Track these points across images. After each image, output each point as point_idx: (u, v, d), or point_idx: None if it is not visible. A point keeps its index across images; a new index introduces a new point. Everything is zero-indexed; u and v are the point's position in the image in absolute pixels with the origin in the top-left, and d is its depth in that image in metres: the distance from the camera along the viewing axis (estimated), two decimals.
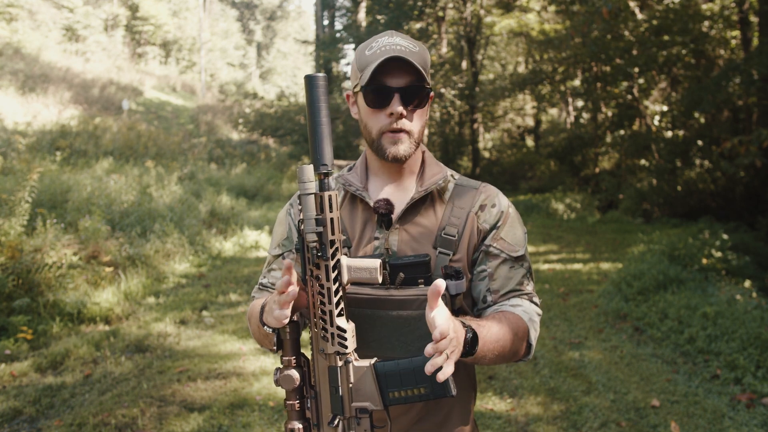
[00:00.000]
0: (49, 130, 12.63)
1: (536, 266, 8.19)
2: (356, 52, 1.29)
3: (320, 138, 1.09)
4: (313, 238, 1.05)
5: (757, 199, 10.17)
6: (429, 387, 1.06)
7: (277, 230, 1.42)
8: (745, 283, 5.90)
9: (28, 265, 5.16)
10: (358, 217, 1.31)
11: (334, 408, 1.09)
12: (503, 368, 4.36)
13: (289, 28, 57.96)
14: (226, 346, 4.73)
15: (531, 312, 1.30)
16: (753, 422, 3.41)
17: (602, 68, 14.82)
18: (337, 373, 1.08)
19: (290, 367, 1.10)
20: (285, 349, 1.12)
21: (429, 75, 1.27)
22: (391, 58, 1.19)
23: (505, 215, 1.32)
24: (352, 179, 1.34)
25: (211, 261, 7.88)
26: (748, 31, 10.75)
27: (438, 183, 1.31)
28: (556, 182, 17.58)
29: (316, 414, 1.12)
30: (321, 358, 1.10)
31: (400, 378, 1.07)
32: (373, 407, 1.08)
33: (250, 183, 13.03)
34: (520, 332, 1.23)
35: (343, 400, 1.08)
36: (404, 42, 1.23)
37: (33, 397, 3.70)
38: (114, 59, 30.58)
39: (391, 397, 1.07)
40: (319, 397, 1.11)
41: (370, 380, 1.07)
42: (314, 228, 1.05)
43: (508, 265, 1.31)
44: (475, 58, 20.45)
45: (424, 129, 1.30)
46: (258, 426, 3.37)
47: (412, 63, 1.19)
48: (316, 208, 1.06)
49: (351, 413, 1.09)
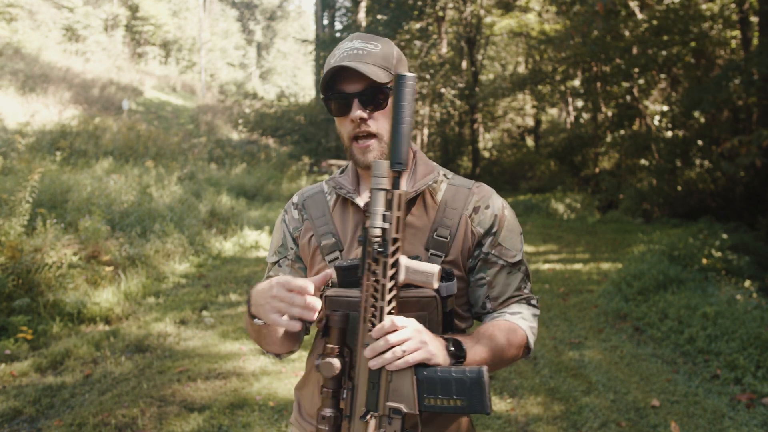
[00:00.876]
0: (49, 130, 12.64)
1: (536, 266, 8.19)
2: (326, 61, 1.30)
3: (400, 137, 1.08)
4: (377, 233, 1.06)
5: (757, 199, 10.17)
6: (467, 400, 1.05)
7: (274, 237, 1.44)
8: (745, 283, 5.90)
9: (28, 265, 5.16)
10: (350, 219, 1.32)
11: (369, 403, 1.09)
12: (503, 368, 4.36)
13: (289, 28, 57.96)
14: (226, 346, 4.73)
15: (529, 317, 1.32)
16: (753, 422, 3.41)
17: (602, 68, 14.83)
18: (377, 370, 1.09)
19: (333, 356, 1.11)
20: (331, 336, 1.12)
21: (392, 70, 1.25)
22: (343, 67, 1.20)
23: (500, 219, 1.31)
24: (343, 182, 1.34)
25: (211, 261, 7.88)
26: (748, 31, 10.75)
27: (429, 183, 1.30)
28: (556, 182, 17.59)
29: (350, 406, 1.12)
30: (364, 353, 1.10)
31: (439, 385, 1.07)
32: (407, 410, 1.08)
33: (250, 183, 13.03)
34: (517, 341, 1.26)
35: (378, 397, 1.09)
36: (363, 44, 1.23)
37: (33, 397, 3.70)
38: (114, 59, 30.60)
39: (426, 403, 1.07)
40: (356, 390, 1.11)
41: (409, 383, 1.08)
42: (380, 224, 1.06)
43: (506, 272, 1.32)
44: (475, 58, 20.46)
45: None
46: (258, 426, 3.37)
47: (360, 70, 1.18)
48: (385, 205, 1.07)
49: (384, 411, 1.09)
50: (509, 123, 24.82)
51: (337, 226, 1.32)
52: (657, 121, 13.80)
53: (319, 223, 1.33)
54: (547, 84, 17.76)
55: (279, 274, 1.38)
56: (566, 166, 18.22)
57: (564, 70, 16.29)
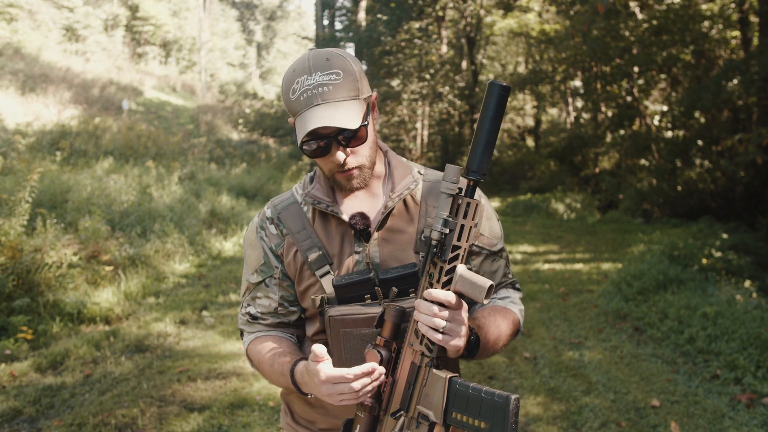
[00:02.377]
0: (49, 130, 12.63)
1: (536, 266, 8.19)
2: (283, 82, 1.23)
3: (480, 145, 1.07)
4: (437, 237, 1.07)
5: (757, 199, 10.17)
6: (489, 424, 1.05)
7: (250, 255, 1.36)
8: (745, 283, 5.90)
9: (28, 265, 5.16)
10: (333, 232, 1.29)
11: (403, 402, 1.11)
12: (503, 368, 4.36)
13: (289, 28, 57.94)
14: (226, 346, 4.73)
15: (517, 300, 1.38)
16: (753, 422, 3.41)
17: (602, 68, 14.82)
18: (415, 372, 1.10)
19: (380, 347, 1.12)
20: (384, 328, 1.13)
21: (361, 93, 1.20)
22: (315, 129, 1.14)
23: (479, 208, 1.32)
24: (319, 195, 1.29)
25: (211, 261, 7.88)
26: (748, 31, 10.75)
27: (409, 187, 1.29)
28: (556, 182, 17.59)
29: (387, 400, 1.14)
30: (409, 352, 1.12)
31: (468, 402, 1.07)
32: (434, 419, 1.09)
33: (250, 183, 13.03)
34: (513, 326, 1.31)
35: (411, 398, 1.10)
36: (323, 77, 1.16)
37: (33, 397, 3.70)
38: (114, 59, 30.58)
39: (452, 417, 1.08)
40: (395, 387, 1.13)
41: (441, 392, 1.08)
42: (441, 228, 1.06)
43: (490, 260, 1.34)
44: (475, 58, 20.46)
45: (375, 149, 1.27)
46: (258, 426, 3.37)
47: (337, 121, 1.14)
48: (452, 210, 1.08)
49: (414, 414, 1.11)
50: (509, 123, 24.81)
51: (322, 239, 1.29)
52: (657, 121, 13.80)
53: (301, 237, 1.29)
54: (547, 84, 17.75)
55: (268, 294, 1.34)
56: (566, 166, 18.21)
57: (564, 70, 16.29)
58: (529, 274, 7.65)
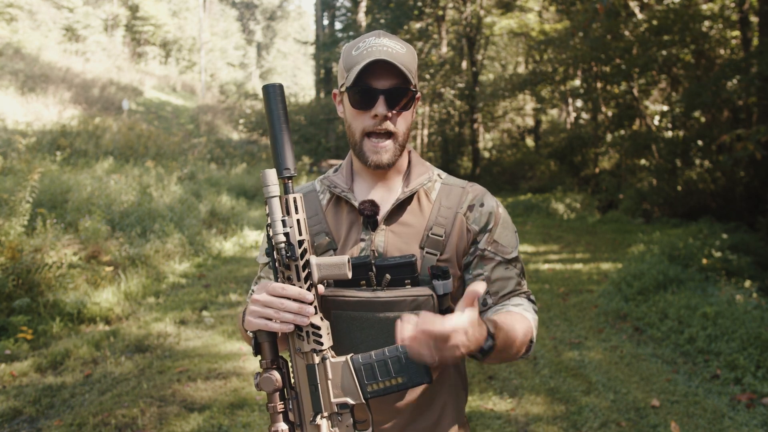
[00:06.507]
0: (49, 130, 12.63)
1: (536, 266, 8.19)
2: (343, 51, 1.28)
3: (281, 144, 1.11)
4: (281, 239, 1.07)
5: (757, 199, 10.16)
6: (406, 376, 1.07)
7: (264, 236, 1.44)
8: (745, 283, 5.90)
9: (28, 265, 5.16)
10: (344, 218, 1.31)
11: (315, 406, 1.10)
12: (503, 368, 4.36)
13: (289, 28, 57.97)
14: (226, 346, 4.73)
15: (531, 310, 1.32)
16: (753, 422, 3.41)
17: (602, 68, 14.82)
18: (315, 371, 1.09)
19: (270, 369, 1.11)
20: (263, 352, 1.12)
21: (416, 77, 1.26)
22: (377, 61, 1.18)
23: (495, 216, 1.32)
24: (337, 181, 1.33)
25: (211, 261, 7.88)
26: (748, 31, 10.75)
27: (423, 183, 1.30)
28: (556, 182, 17.60)
29: (298, 414, 1.12)
30: (299, 358, 1.11)
31: (377, 369, 1.08)
32: (353, 401, 1.09)
33: (250, 183, 13.03)
34: (527, 333, 1.25)
35: (322, 397, 1.10)
36: (391, 43, 1.22)
37: (33, 397, 3.70)
38: (114, 59, 30.58)
39: (369, 390, 1.08)
40: (300, 398, 1.12)
41: (348, 375, 1.09)
42: (282, 229, 1.07)
43: (503, 267, 1.32)
44: (475, 58, 20.46)
45: (409, 131, 1.29)
46: (258, 426, 3.37)
47: (397, 66, 1.18)
48: (283, 211, 1.08)
49: (332, 409, 1.10)
50: (509, 123, 24.82)
51: (330, 225, 1.31)
52: (657, 121, 13.80)
53: (311, 223, 1.31)
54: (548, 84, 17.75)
55: (270, 276, 1.36)
56: (566, 166, 18.21)
57: (564, 71, 16.29)
58: (529, 274, 7.65)
